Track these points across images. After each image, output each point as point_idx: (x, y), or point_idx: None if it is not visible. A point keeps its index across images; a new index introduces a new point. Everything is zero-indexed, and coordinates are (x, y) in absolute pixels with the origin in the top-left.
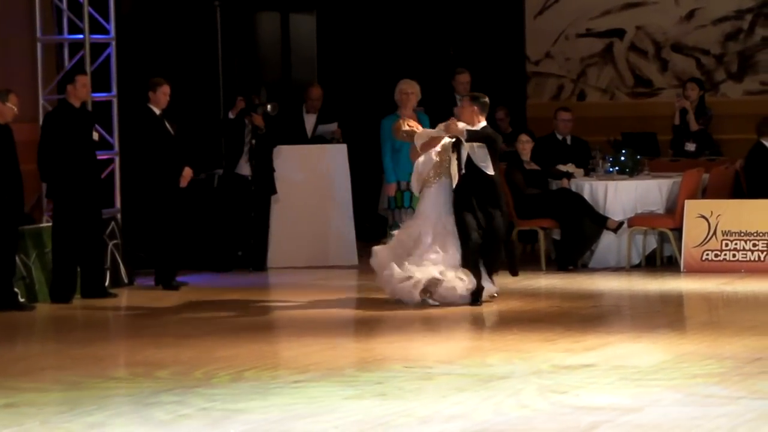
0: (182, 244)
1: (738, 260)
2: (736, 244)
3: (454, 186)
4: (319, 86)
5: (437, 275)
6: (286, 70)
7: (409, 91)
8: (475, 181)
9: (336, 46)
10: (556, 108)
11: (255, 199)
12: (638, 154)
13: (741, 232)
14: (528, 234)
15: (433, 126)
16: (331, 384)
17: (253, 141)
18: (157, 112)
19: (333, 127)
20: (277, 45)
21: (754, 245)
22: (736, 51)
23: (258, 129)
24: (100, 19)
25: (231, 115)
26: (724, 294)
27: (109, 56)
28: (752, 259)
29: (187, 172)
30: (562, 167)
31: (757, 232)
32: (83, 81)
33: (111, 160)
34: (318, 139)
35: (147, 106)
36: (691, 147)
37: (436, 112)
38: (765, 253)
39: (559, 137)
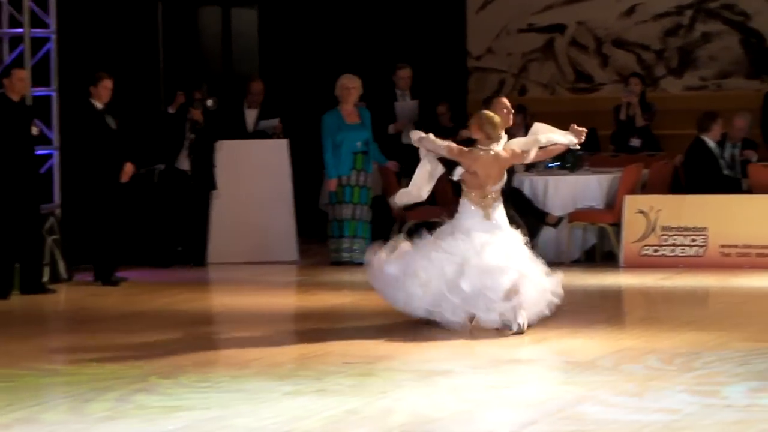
0: (122, 240)
1: (677, 255)
2: (675, 239)
3: None
4: (260, 80)
5: None
6: (227, 64)
7: (351, 86)
8: None
9: (278, 40)
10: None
11: (195, 194)
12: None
13: (680, 228)
14: None
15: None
16: (271, 380)
17: (193, 136)
18: (99, 106)
19: (275, 122)
20: (218, 39)
21: (693, 240)
22: (676, 47)
23: (197, 124)
24: (40, 13)
25: (171, 110)
26: (663, 289)
27: (49, 50)
28: (691, 254)
29: (128, 168)
30: None
31: (695, 228)
32: (20, 75)
33: (50, 155)
34: (259, 134)
35: (88, 100)
36: (636, 142)
37: (378, 107)
38: (704, 248)
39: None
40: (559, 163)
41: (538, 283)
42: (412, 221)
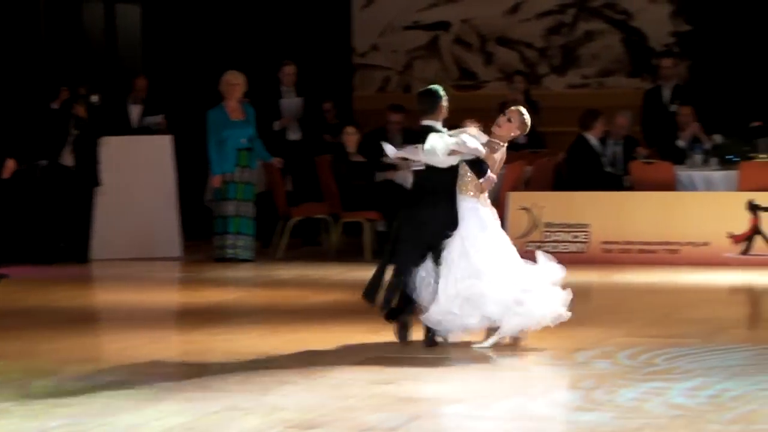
0: (3, 236)
1: (560, 251)
2: (557, 235)
3: None
4: (144, 76)
5: None
6: (111, 60)
7: (235, 82)
8: None
9: (162, 36)
10: (382, 100)
11: (78, 191)
12: None
13: (563, 224)
14: (353, 226)
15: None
16: (154, 377)
17: (77, 131)
18: None
19: (159, 118)
20: (102, 35)
21: (575, 237)
22: (558, 45)
23: (81, 119)
24: None
25: (54, 106)
26: None
27: None
28: (573, 250)
29: (10, 164)
30: (387, 159)
31: (578, 224)
32: None
33: None
34: (143, 129)
35: None
36: (521, 139)
37: (262, 103)
38: (586, 244)
39: (389, 137)
40: None
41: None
42: (297, 217)
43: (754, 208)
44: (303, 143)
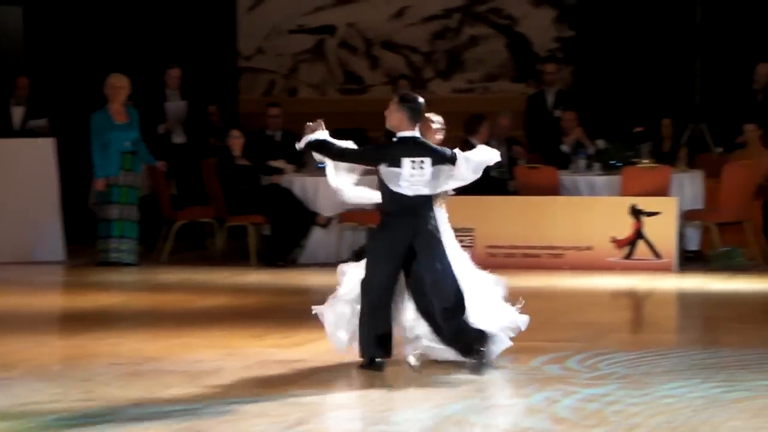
0: None
1: None
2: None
3: None
4: (25, 76)
5: None
6: None
7: (119, 85)
8: None
9: (44, 38)
10: (267, 103)
11: None
12: None
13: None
14: (238, 229)
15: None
16: (37, 381)
17: None
18: None
19: (42, 122)
20: None
21: (460, 241)
22: (444, 49)
23: None
24: None
25: None
26: None
27: None
28: None
29: None
30: (273, 163)
31: (463, 228)
32: None
33: None
34: (26, 132)
35: None
36: None
37: (147, 106)
38: (471, 248)
39: (270, 133)
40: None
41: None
42: (182, 221)
43: (636, 212)
44: (188, 146)
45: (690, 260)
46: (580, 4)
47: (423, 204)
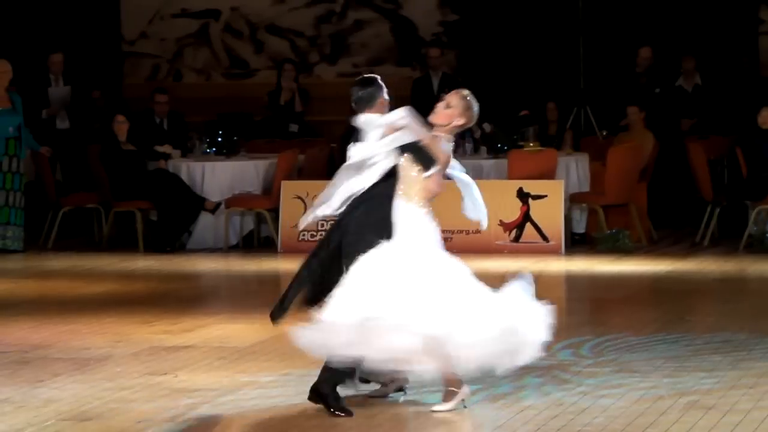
0: None
1: None
2: (331, 224)
3: None
4: None
5: None
6: None
7: (1, 70)
8: None
9: None
10: (151, 89)
11: None
12: (234, 135)
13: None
14: (125, 215)
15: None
16: None
17: None
18: None
19: None
20: None
21: None
22: (328, 33)
23: None
24: None
25: None
26: None
27: None
28: None
29: None
30: (159, 148)
31: None
32: None
33: None
34: None
35: None
36: (294, 128)
37: (30, 92)
38: None
39: (157, 120)
40: (215, 149)
41: None
42: (67, 207)
43: (523, 196)
44: (72, 132)
45: (577, 243)
46: None
47: None
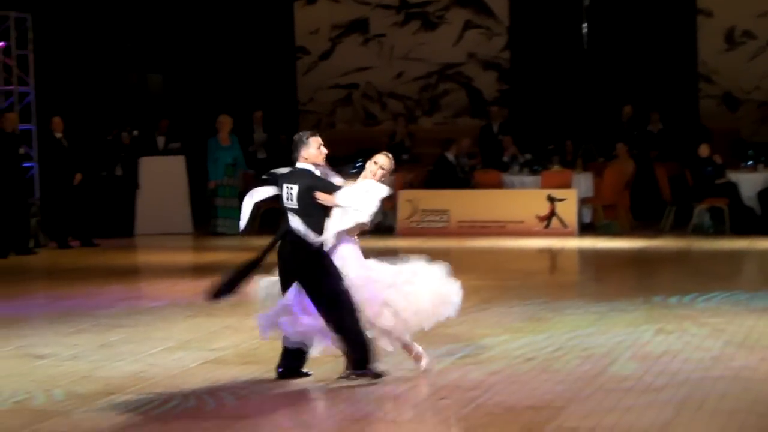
0: (83, 218)
1: (431, 228)
2: (429, 217)
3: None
4: (166, 119)
5: None
6: None
7: (226, 121)
8: None
9: (180, 95)
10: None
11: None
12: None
13: (433, 210)
14: None
15: None
16: None
17: (121, 153)
18: (57, 135)
19: (177, 145)
20: None
21: (441, 218)
22: (427, 97)
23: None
24: (24, 76)
25: (109, 137)
26: (422, 248)
27: (29, 101)
28: (440, 227)
29: (78, 176)
30: None
31: (442, 210)
32: (11, 116)
33: (32, 167)
34: (166, 152)
35: (50, 131)
36: (405, 157)
37: (242, 135)
38: (447, 223)
39: None
40: (355, 170)
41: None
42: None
43: (551, 199)
44: (267, 161)
45: (585, 229)
46: (513, 67)
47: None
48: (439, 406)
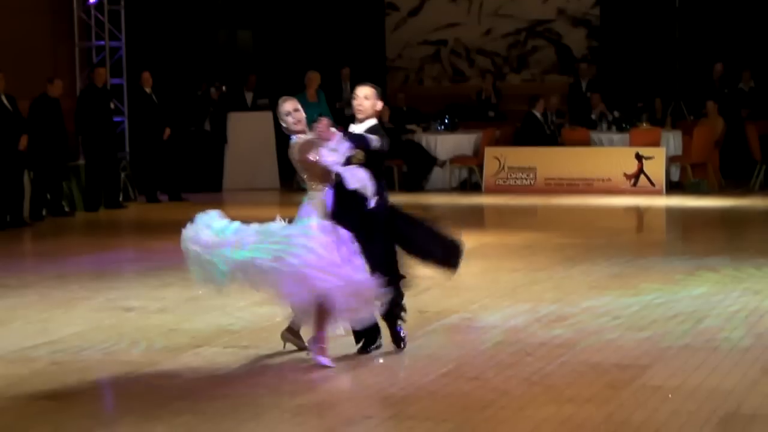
0: (172, 173)
1: (518, 185)
2: (516, 174)
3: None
4: (253, 74)
5: None
6: None
7: (314, 77)
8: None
9: (267, 49)
10: (404, 92)
11: (212, 146)
12: (455, 118)
13: (519, 167)
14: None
15: None
16: None
17: (211, 109)
18: (147, 90)
19: (265, 101)
20: None
21: (528, 175)
22: (516, 54)
23: (214, 101)
24: (115, 31)
25: (198, 93)
26: (509, 206)
27: (120, 56)
28: (527, 184)
29: (167, 130)
30: (408, 126)
31: (529, 167)
32: (101, 71)
33: (122, 122)
34: (255, 107)
35: (140, 86)
36: (492, 114)
37: (329, 92)
38: (534, 180)
39: (404, 108)
40: (443, 126)
41: None
42: None
43: (639, 157)
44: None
45: (673, 187)
46: (603, 24)
47: None
48: (524, 363)
